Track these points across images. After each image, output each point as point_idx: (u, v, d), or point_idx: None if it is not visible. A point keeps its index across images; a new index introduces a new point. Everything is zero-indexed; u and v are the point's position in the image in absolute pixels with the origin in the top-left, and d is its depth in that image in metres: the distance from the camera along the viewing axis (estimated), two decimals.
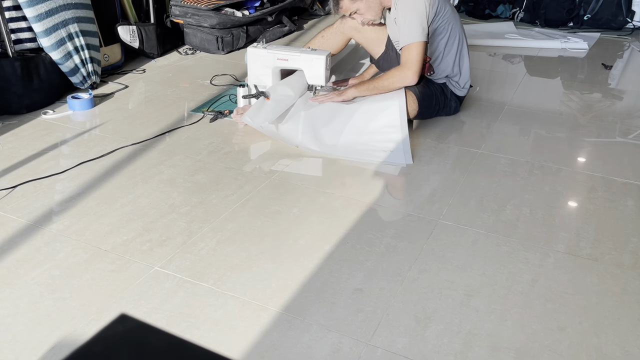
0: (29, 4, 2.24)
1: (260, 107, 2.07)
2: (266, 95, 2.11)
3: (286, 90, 2.16)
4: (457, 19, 2.17)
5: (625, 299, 1.31)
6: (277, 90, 2.15)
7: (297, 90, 2.18)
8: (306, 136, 2.03)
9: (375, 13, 2.19)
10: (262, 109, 2.05)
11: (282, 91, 2.15)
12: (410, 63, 2.07)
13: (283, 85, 2.18)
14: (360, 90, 2.15)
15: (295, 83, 2.20)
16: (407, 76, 2.08)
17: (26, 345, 1.14)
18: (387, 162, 1.91)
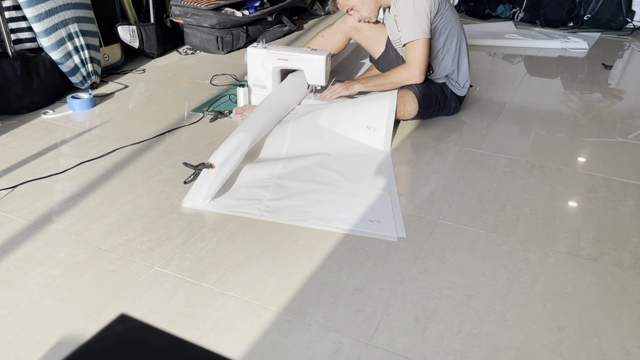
0: (29, 4, 2.24)
1: (203, 182, 1.70)
2: (208, 166, 1.71)
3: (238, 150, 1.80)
4: (457, 19, 2.17)
5: (625, 299, 1.31)
6: (226, 151, 1.78)
7: (262, 126, 1.97)
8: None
9: (370, 10, 2.20)
10: (205, 183, 1.69)
11: (232, 153, 1.77)
12: (417, 61, 2.08)
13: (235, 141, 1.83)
14: (366, 85, 2.16)
15: (264, 116, 2.02)
16: (414, 75, 2.09)
17: (26, 345, 1.14)
18: (376, 233, 1.53)
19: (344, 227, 1.54)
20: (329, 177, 1.80)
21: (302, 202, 1.66)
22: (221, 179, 1.70)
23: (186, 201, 1.66)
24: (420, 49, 2.06)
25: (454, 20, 2.15)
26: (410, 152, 2.02)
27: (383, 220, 1.57)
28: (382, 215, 1.60)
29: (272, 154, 1.95)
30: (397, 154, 1.99)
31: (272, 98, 2.17)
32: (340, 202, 1.67)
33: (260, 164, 1.87)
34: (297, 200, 1.67)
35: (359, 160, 1.92)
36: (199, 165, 1.72)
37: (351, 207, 1.64)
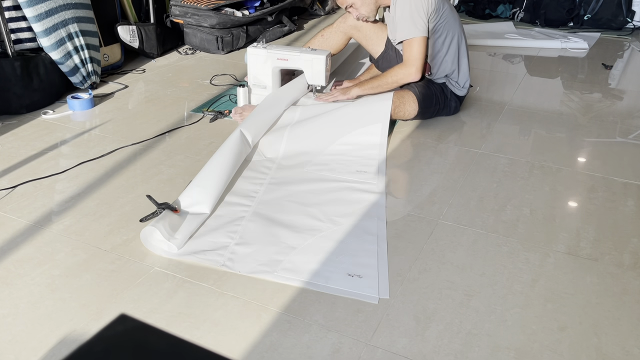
0: (28, 4, 2.24)
1: (169, 225, 1.46)
2: (173, 208, 1.52)
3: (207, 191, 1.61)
4: (456, 18, 2.17)
5: (625, 299, 1.31)
6: (193, 195, 1.59)
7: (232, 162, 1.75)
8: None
9: (369, 9, 2.20)
10: (164, 226, 1.44)
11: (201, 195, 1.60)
12: (413, 59, 2.07)
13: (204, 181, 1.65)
14: (364, 88, 2.16)
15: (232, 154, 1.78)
16: (410, 73, 2.09)
17: (26, 345, 1.14)
18: (353, 292, 1.32)
19: (318, 282, 1.33)
20: (308, 215, 1.58)
21: (273, 248, 1.44)
22: (189, 229, 1.48)
23: (146, 238, 1.45)
24: (417, 46, 2.06)
25: (454, 20, 2.15)
26: (410, 152, 2.02)
27: (365, 275, 1.34)
28: (365, 268, 1.37)
29: (253, 176, 1.81)
30: (397, 154, 1.99)
31: (257, 124, 1.99)
32: (317, 248, 1.44)
33: (234, 196, 1.69)
34: (268, 245, 1.46)
35: (347, 197, 1.69)
36: (162, 205, 1.51)
37: (329, 256, 1.41)
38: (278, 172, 1.83)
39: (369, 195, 1.70)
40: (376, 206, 1.64)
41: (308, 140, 2.00)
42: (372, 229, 1.53)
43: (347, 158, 1.91)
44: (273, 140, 2.00)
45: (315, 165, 1.87)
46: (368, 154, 1.94)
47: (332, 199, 1.67)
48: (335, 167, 1.85)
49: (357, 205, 1.64)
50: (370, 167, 1.85)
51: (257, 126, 1.98)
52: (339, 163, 1.88)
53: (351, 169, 1.84)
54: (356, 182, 1.76)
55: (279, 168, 1.86)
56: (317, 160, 1.90)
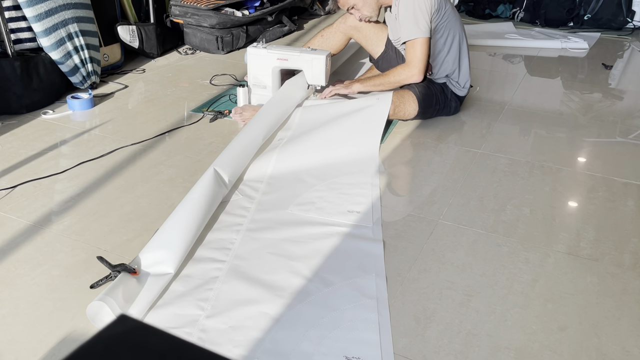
0: (28, 3, 2.24)
1: (123, 297, 1.21)
2: (131, 269, 1.28)
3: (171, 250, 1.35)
4: (458, 18, 2.17)
5: (626, 299, 1.31)
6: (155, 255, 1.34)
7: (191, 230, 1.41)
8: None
9: (372, 10, 2.20)
10: (126, 298, 1.22)
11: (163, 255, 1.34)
12: (416, 61, 2.08)
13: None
14: (366, 85, 2.16)
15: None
16: (413, 74, 2.09)
17: (26, 345, 1.14)
18: None
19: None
20: (293, 272, 1.34)
21: (251, 322, 1.19)
22: (148, 298, 1.23)
23: (93, 309, 1.18)
24: (420, 48, 2.06)
25: (455, 20, 2.15)
26: (410, 152, 2.02)
27: (366, 357, 1.12)
28: (365, 347, 1.14)
29: (229, 222, 1.55)
30: (397, 154, 1.99)
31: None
32: (305, 320, 1.20)
33: (205, 249, 1.42)
34: (245, 318, 1.20)
35: (337, 246, 1.44)
36: (117, 267, 1.28)
37: (321, 331, 1.17)
38: (259, 213, 1.58)
39: (364, 243, 1.45)
40: (373, 258, 1.39)
41: (300, 155, 1.89)
42: (370, 291, 1.28)
43: (337, 193, 1.68)
44: (263, 158, 1.88)
45: (300, 205, 1.62)
46: (360, 185, 1.73)
47: (321, 249, 1.42)
48: (323, 207, 1.61)
49: (351, 257, 1.39)
50: (362, 205, 1.62)
51: (235, 163, 1.73)
52: (327, 201, 1.64)
53: (341, 208, 1.60)
54: (347, 226, 1.52)
55: (261, 203, 1.62)
56: (302, 199, 1.65)
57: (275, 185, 1.75)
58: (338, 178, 1.78)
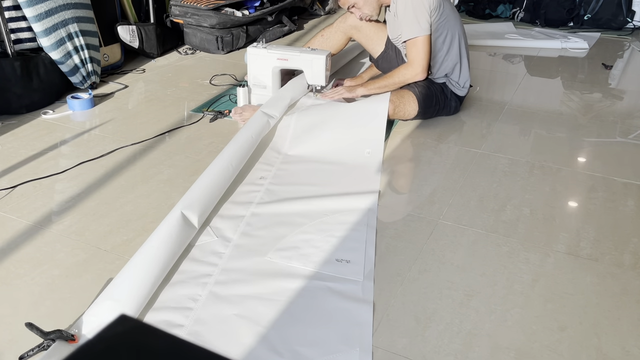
0: (28, 3, 2.24)
1: None
2: (68, 336, 1.11)
3: None
4: (457, 18, 2.17)
5: (625, 299, 1.31)
6: None
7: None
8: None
9: (372, 8, 2.20)
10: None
11: None
12: (419, 59, 2.08)
13: None
14: (369, 88, 2.16)
15: None
16: (416, 73, 2.10)
17: (26, 345, 1.14)
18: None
19: None
20: (264, 343, 1.15)
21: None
22: None
23: None
24: (421, 46, 2.06)
25: (454, 19, 2.15)
26: (410, 152, 2.02)
27: None
28: None
29: (193, 273, 1.35)
30: (397, 154, 1.99)
31: None
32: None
33: (160, 312, 1.23)
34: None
35: (320, 306, 1.25)
36: (52, 334, 1.10)
37: None
38: (232, 261, 1.36)
39: (351, 304, 1.25)
40: (359, 327, 1.18)
41: (290, 188, 1.76)
42: None
43: (326, 236, 1.47)
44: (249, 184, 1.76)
45: (282, 251, 1.40)
46: (354, 226, 1.51)
47: (298, 313, 1.22)
48: (309, 253, 1.40)
49: (333, 324, 1.19)
50: (354, 253, 1.41)
51: (206, 200, 1.51)
52: (314, 246, 1.43)
53: (329, 255, 1.39)
54: (334, 280, 1.31)
55: (238, 248, 1.41)
56: (285, 243, 1.43)
57: (257, 225, 1.52)
58: (329, 217, 1.55)
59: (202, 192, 1.52)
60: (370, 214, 1.58)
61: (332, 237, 1.47)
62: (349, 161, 1.89)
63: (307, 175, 1.81)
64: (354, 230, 1.50)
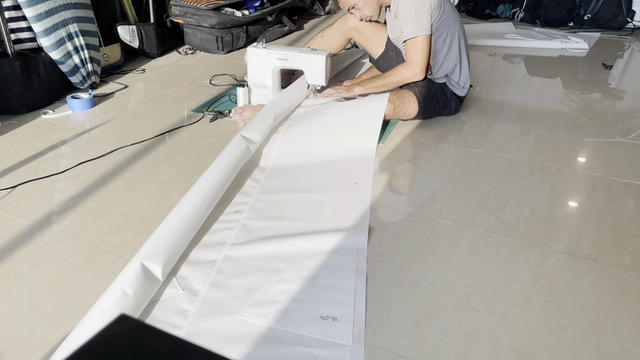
0: (28, 3, 2.24)
1: None
2: None
3: None
4: (457, 18, 2.17)
5: (626, 299, 1.31)
6: None
7: None
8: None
9: (372, 9, 2.20)
10: None
11: None
12: (418, 59, 2.08)
13: None
14: (367, 87, 2.16)
15: None
16: (415, 73, 2.10)
17: (26, 345, 1.14)
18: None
19: None
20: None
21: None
22: None
23: None
24: (421, 46, 2.06)
25: (454, 19, 2.15)
26: (410, 152, 2.02)
27: None
28: None
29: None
30: (397, 154, 1.99)
31: None
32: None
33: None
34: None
35: None
36: None
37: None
38: (198, 321, 1.19)
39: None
40: None
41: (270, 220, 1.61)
42: None
43: (310, 286, 1.28)
44: None
45: (257, 307, 1.22)
46: (342, 272, 1.33)
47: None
48: (289, 309, 1.22)
49: None
50: (342, 308, 1.23)
51: (170, 248, 1.31)
52: (296, 299, 1.25)
53: (313, 312, 1.21)
54: (319, 346, 1.13)
55: (205, 304, 1.24)
56: (261, 297, 1.25)
57: (229, 272, 1.33)
58: (313, 260, 1.37)
59: (167, 238, 1.31)
60: (360, 256, 1.38)
61: (316, 287, 1.28)
62: (336, 190, 1.69)
63: (288, 208, 1.60)
64: (341, 278, 1.31)
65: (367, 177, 1.77)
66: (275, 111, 2.03)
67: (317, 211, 1.58)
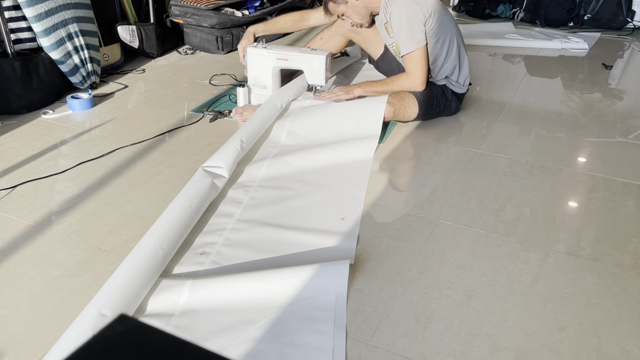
0: (28, 3, 2.24)
1: None
2: None
3: None
4: (451, 19, 2.16)
5: (626, 299, 1.31)
6: None
7: None
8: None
9: (361, 17, 2.20)
10: None
11: None
12: (417, 72, 2.08)
13: None
14: (366, 90, 2.16)
15: None
16: (416, 85, 2.11)
17: (26, 345, 1.14)
18: None
19: None
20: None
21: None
22: None
23: None
24: (419, 59, 2.06)
25: (449, 22, 2.13)
26: (410, 152, 2.02)
27: None
28: None
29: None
30: (397, 154, 1.99)
31: None
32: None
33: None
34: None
35: None
36: None
37: None
38: None
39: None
40: None
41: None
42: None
43: (278, 340, 1.13)
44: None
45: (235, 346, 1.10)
46: (315, 320, 1.18)
47: None
48: None
49: None
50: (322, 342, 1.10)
51: (126, 299, 1.18)
52: (263, 351, 1.10)
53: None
54: None
55: None
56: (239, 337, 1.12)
57: (188, 325, 1.17)
58: (286, 311, 1.19)
59: (123, 286, 1.19)
60: (339, 305, 1.20)
61: (289, 347, 1.10)
62: (319, 226, 1.51)
63: (261, 243, 1.43)
64: (317, 334, 1.14)
65: (355, 211, 1.58)
66: (240, 136, 1.80)
67: (292, 249, 1.41)
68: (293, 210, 1.58)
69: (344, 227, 1.50)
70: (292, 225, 1.51)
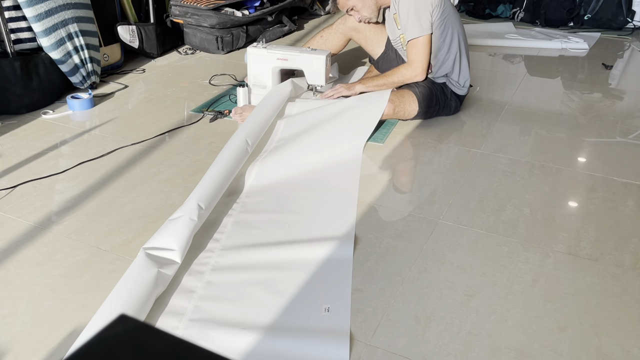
0: (28, 3, 2.24)
1: None
2: None
3: None
4: (457, 17, 2.17)
5: (626, 299, 1.31)
6: None
7: None
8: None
9: (371, 10, 2.20)
10: None
11: None
12: (418, 60, 2.09)
13: None
14: (368, 85, 2.16)
15: None
16: (416, 74, 2.11)
17: (26, 345, 1.14)
18: None
19: None
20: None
21: None
22: None
23: None
24: (422, 46, 2.07)
25: (455, 18, 2.14)
26: (410, 152, 2.02)
27: None
28: None
29: None
30: (397, 154, 1.99)
31: None
32: None
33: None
34: None
35: None
36: None
37: None
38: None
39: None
40: None
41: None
42: None
43: None
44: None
45: None
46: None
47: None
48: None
49: None
50: None
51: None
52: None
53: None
54: None
55: None
56: None
57: None
58: None
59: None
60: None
61: None
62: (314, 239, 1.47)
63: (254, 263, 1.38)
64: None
65: (348, 235, 1.48)
66: (197, 195, 1.50)
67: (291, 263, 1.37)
68: (285, 227, 1.52)
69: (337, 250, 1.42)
70: (287, 240, 1.46)
